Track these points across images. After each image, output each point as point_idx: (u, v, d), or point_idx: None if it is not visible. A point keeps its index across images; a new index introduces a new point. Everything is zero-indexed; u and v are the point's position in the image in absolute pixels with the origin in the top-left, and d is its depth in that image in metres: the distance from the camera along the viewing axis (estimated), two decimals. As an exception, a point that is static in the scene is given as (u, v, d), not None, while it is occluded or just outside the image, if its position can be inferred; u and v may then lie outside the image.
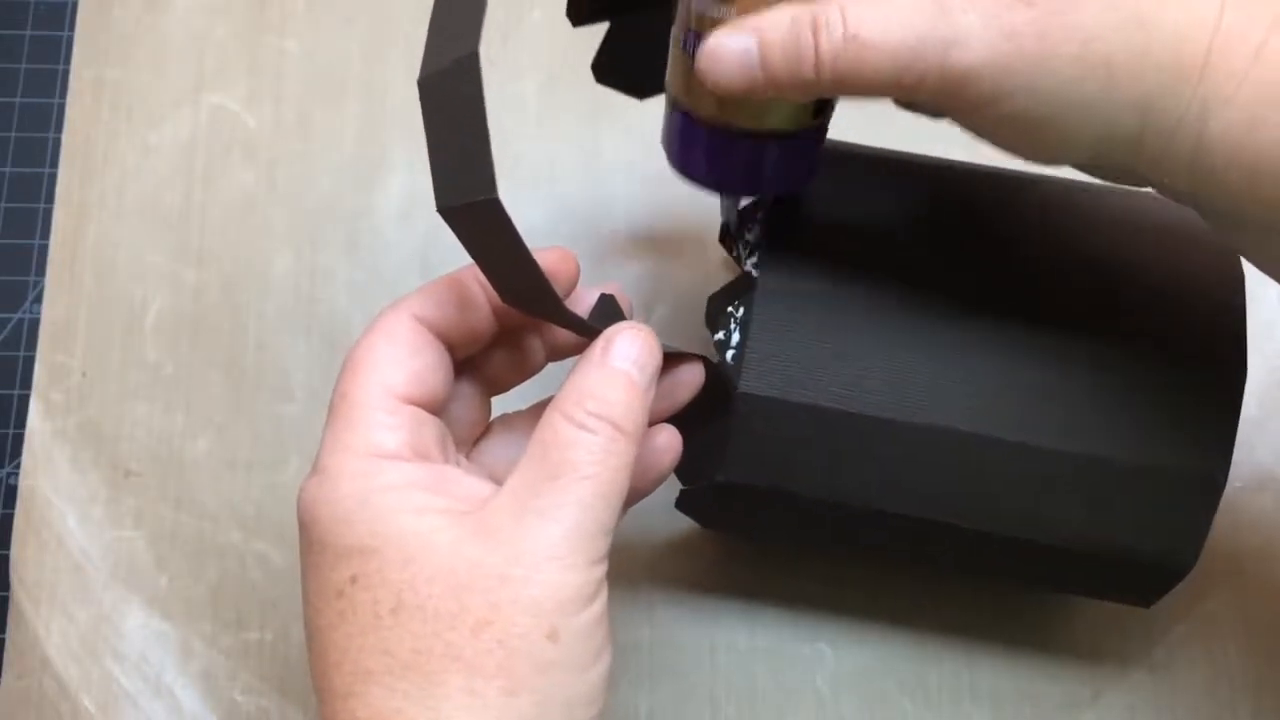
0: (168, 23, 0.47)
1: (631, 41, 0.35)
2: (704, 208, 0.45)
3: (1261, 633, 0.41)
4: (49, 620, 0.41)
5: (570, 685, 0.24)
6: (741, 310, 0.33)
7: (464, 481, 0.26)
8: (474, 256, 0.27)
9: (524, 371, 0.31)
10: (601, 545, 0.25)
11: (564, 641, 0.24)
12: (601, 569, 0.25)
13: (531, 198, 0.45)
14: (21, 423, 0.43)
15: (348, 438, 0.25)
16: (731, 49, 0.26)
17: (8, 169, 0.47)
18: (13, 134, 0.47)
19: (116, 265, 0.44)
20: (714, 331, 0.33)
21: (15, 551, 0.42)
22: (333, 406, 0.26)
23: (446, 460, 0.27)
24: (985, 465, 0.32)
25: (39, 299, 0.45)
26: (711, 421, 0.33)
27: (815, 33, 0.25)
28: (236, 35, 0.47)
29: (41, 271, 0.46)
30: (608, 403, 0.25)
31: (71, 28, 0.48)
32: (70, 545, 0.42)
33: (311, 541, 0.25)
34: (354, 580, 0.24)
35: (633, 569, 0.41)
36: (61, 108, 0.47)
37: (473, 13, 0.25)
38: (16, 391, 0.45)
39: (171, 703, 0.40)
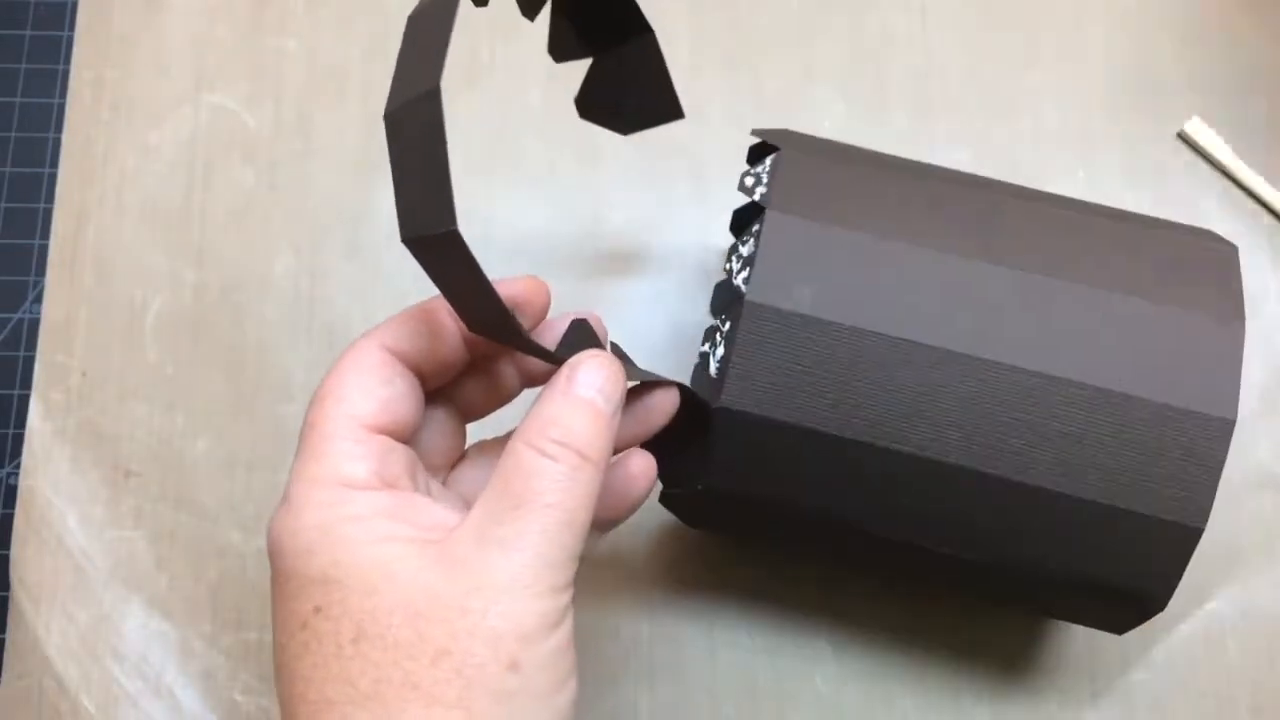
0: (168, 23, 0.47)
1: (613, 77, 0.35)
2: (704, 208, 0.45)
3: (1262, 632, 0.41)
4: (49, 620, 0.41)
5: (533, 714, 0.24)
6: (727, 325, 0.33)
7: (432, 510, 0.26)
8: (439, 287, 0.27)
9: (498, 399, 0.31)
10: (566, 572, 0.25)
11: (525, 672, 0.23)
12: (566, 596, 0.25)
13: (531, 198, 0.45)
14: (21, 423, 0.43)
15: (314, 468, 0.25)
16: None
17: (8, 169, 0.47)
18: (13, 134, 0.47)
19: (116, 265, 0.44)
20: (715, 316, 0.33)
21: (15, 551, 0.42)
22: (302, 436, 0.26)
23: (416, 488, 0.27)
24: (967, 495, 0.32)
25: (39, 299, 0.45)
26: (691, 442, 0.33)
27: None
28: (236, 35, 0.47)
29: (41, 271, 0.45)
30: (571, 431, 0.25)
31: (71, 28, 0.48)
32: (70, 545, 0.42)
33: (277, 572, 0.25)
34: (317, 610, 0.24)
35: (632, 569, 0.41)
36: (61, 108, 0.47)
37: (437, 48, 0.26)
38: (16, 391, 0.45)
39: (171, 703, 0.40)
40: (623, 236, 0.45)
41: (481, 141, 0.46)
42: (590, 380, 0.26)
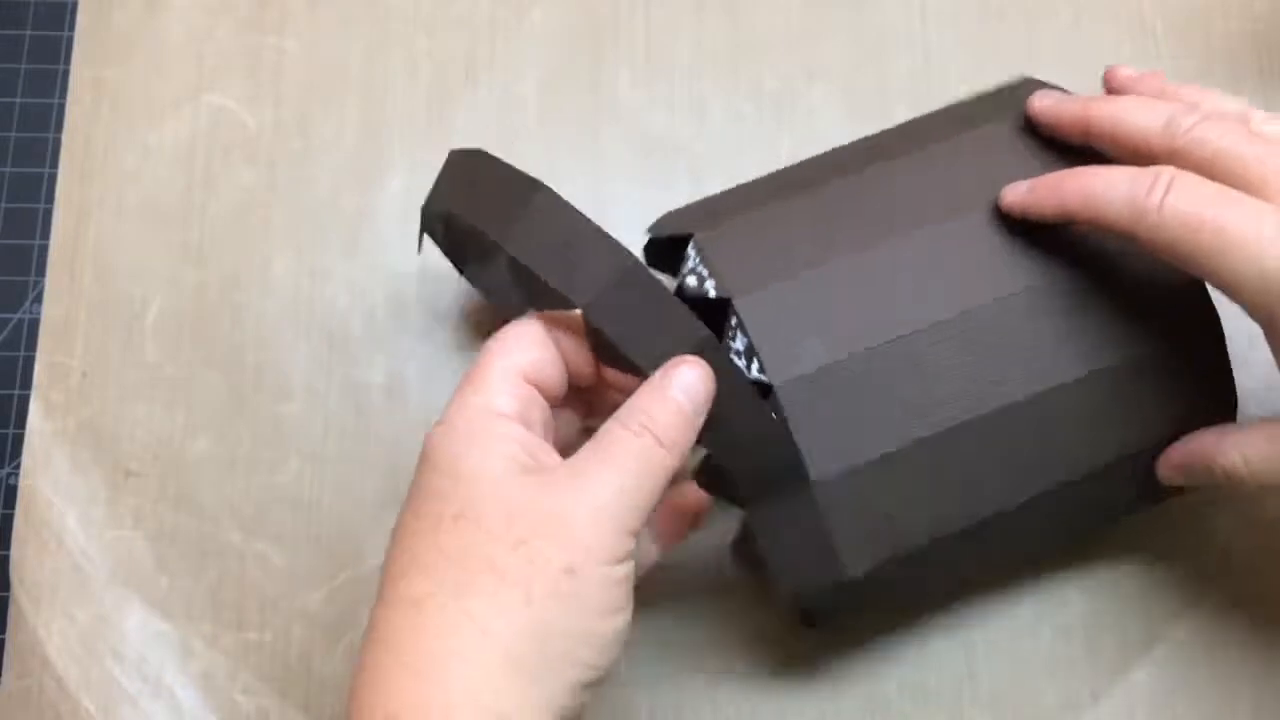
0: (168, 23, 0.47)
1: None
2: (704, 208, 0.45)
3: (1261, 632, 0.41)
4: (49, 620, 0.41)
5: (577, 620, 0.28)
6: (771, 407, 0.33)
7: (546, 451, 0.31)
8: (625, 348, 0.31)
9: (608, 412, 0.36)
10: (629, 521, 0.29)
11: (579, 579, 0.28)
12: (626, 542, 0.29)
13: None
14: (21, 423, 0.43)
15: (472, 397, 0.31)
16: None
17: (8, 169, 0.47)
18: (13, 134, 0.47)
19: (116, 265, 0.44)
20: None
21: (15, 551, 0.42)
22: (467, 374, 0.32)
23: (548, 438, 0.32)
24: (1049, 417, 0.33)
25: (39, 299, 0.45)
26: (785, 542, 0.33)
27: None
28: (236, 35, 0.47)
29: (41, 271, 0.46)
30: (654, 419, 0.30)
31: (71, 28, 0.48)
32: (70, 545, 0.42)
33: (421, 465, 0.31)
34: (435, 492, 0.30)
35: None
36: (61, 108, 0.47)
37: (569, 222, 0.32)
38: (16, 391, 0.45)
39: (171, 703, 0.40)
40: (623, 236, 0.45)
41: (481, 141, 0.46)
42: (679, 381, 0.31)
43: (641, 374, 0.31)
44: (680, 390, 0.31)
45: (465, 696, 0.27)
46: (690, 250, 0.34)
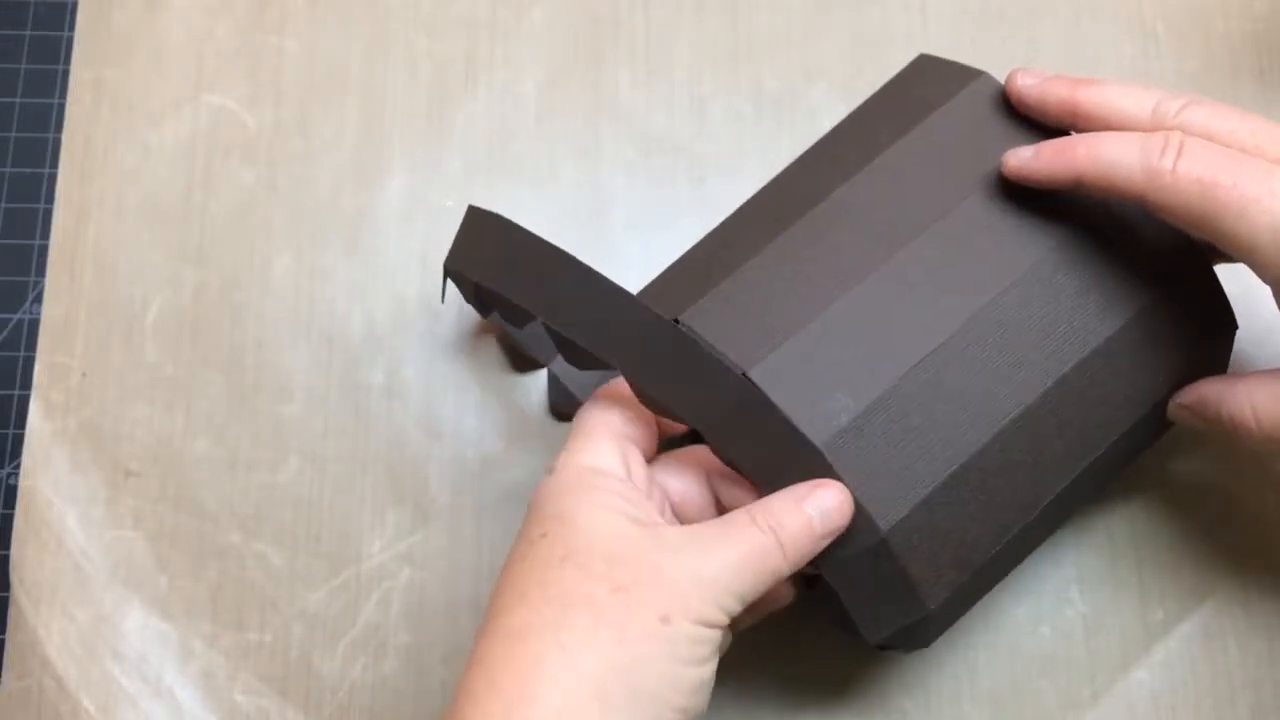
0: (168, 23, 0.47)
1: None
2: (704, 208, 0.45)
3: (1262, 632, 0.41)
4: (49, 620, 0.41)
5: (666, 665, 0.29)
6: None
7: (644, 502, 0.33)
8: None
9: None
10: (728, 601, 0.31)
11: (672, 628, 0.29)
12: (721, 616, 0.31)
13: (531, 198, 0.45)
14: (21, 423, 0.43)
15: (578, 455, 0.33)
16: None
17: (8, 169, 0.47)
18: (13, 134, 0.47)
19: (116, 265, 0.44)
20: None
21: (15, 551, 0.42)
22: (571, 434, 0.34)
23: (649, 496, 0.34)
24: (1082, 388, 0.34)
25: (39, 299, 0.45)
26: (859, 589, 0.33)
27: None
28: (236, 35, 0.47)
29: (41, 271, 0.46)
30: (782, 525, 0.31)
31: (71, 28, 0.48)
32: (70, 545, 0.42)
33: (530, 515, 0.33)
34: (544, 535, 0.31)
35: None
36: (61, 108, 0.47)
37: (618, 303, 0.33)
38: (16, 391, 0.45)
39: (171, 703, 0.40)
40: (623, 236, 0.45)
41: (481, 141, 0.46)
42: (818, 502, 0.31)
43: (675, 415, 0.33)
44: (816, 509, 0.31)
45: None
46: (683, 330, 0.33)
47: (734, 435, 0.32)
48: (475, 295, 0.37)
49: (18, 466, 0.43)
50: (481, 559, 0.42)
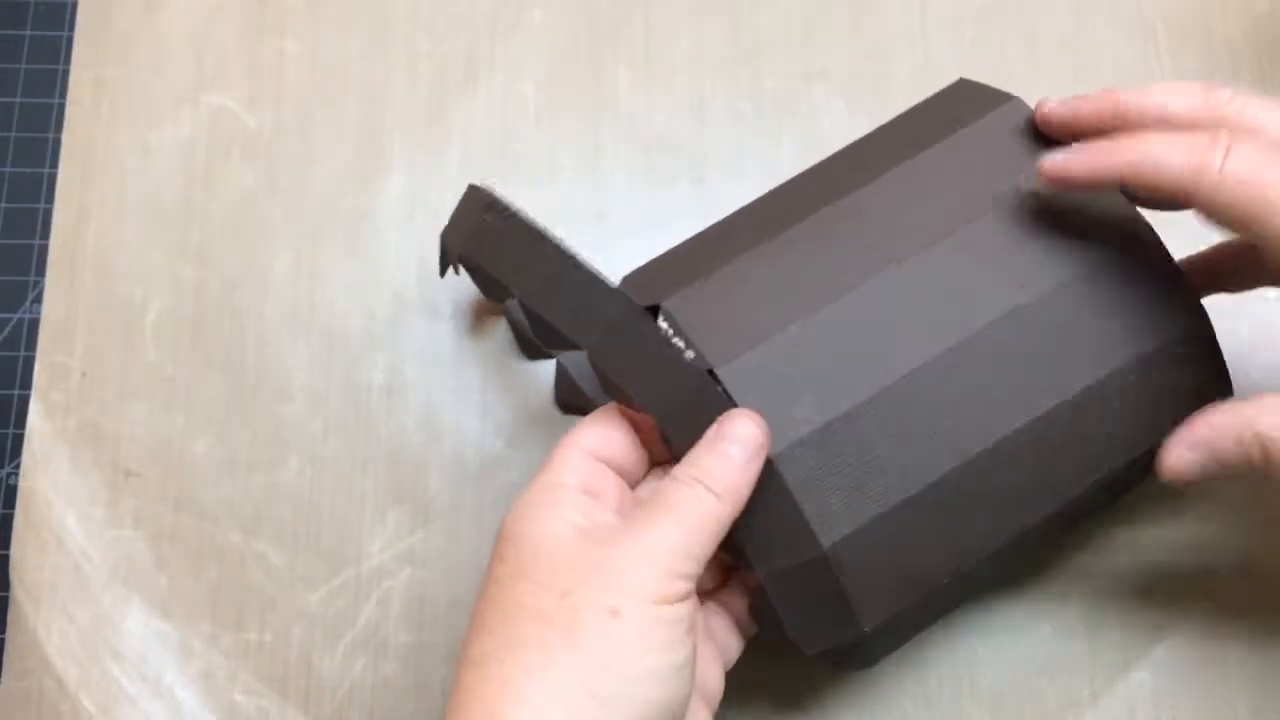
0: (168, 23, 0.47)
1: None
2: (704, 208, 0.45)
3: (1263, 632, 0.41)
4: (49, 620, 0.41)
5: (626, 659, 0.29)
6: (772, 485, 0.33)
7: (597, 508, 0.32)
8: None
9: None
10: (676, 564, 0.30)
11: (624, 621, 0.29)
12: (679, 585, 0.30)
13: (531, 198, 0.45)
14: (21, 423, 0.43)
15: (545, 473, 0.33)
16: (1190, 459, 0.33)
17: (8, 169, 0.47)
18: (13, 134, 0.47)
19: (116, 265, 0.44)
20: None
21: (15, 551, 0.42)
22: (549, 455, 0.34)
23: (618, 508, 0.33)
24: (1056, 427, 0.32)
25: (39, 299, 0.45)
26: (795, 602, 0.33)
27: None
28: (236, 35, 0.47)
29: (41, 271, 0.46)
30: (704, 469, 0.31)
31: (71, 28, 0.48)
32: (70, 545, 0.42)
33: (497, 537, 0.33)
34: (501, 559, 0.31)
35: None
36: (61, 108, 0.47)
37: (563, 265, 0.33)
38: (16, 391, 0.45)
39: (171, 703, 0.40)
40: (623, 236, 0.45)
41: (482, 141, 0.46)
42: (729, 432, 0.31)
43: (648, 414, 0.33)
44: (731, 440, 0.31)
45: None
46: (661, 320, 0.33)
47: (690, 430, 0.32)
48: (467, 269, 0.38)
49: (18, 466, 0.43)
50: (481, 559, 0.42)
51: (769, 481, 0.31)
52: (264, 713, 0.40)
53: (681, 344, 0.32)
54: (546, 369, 0.44)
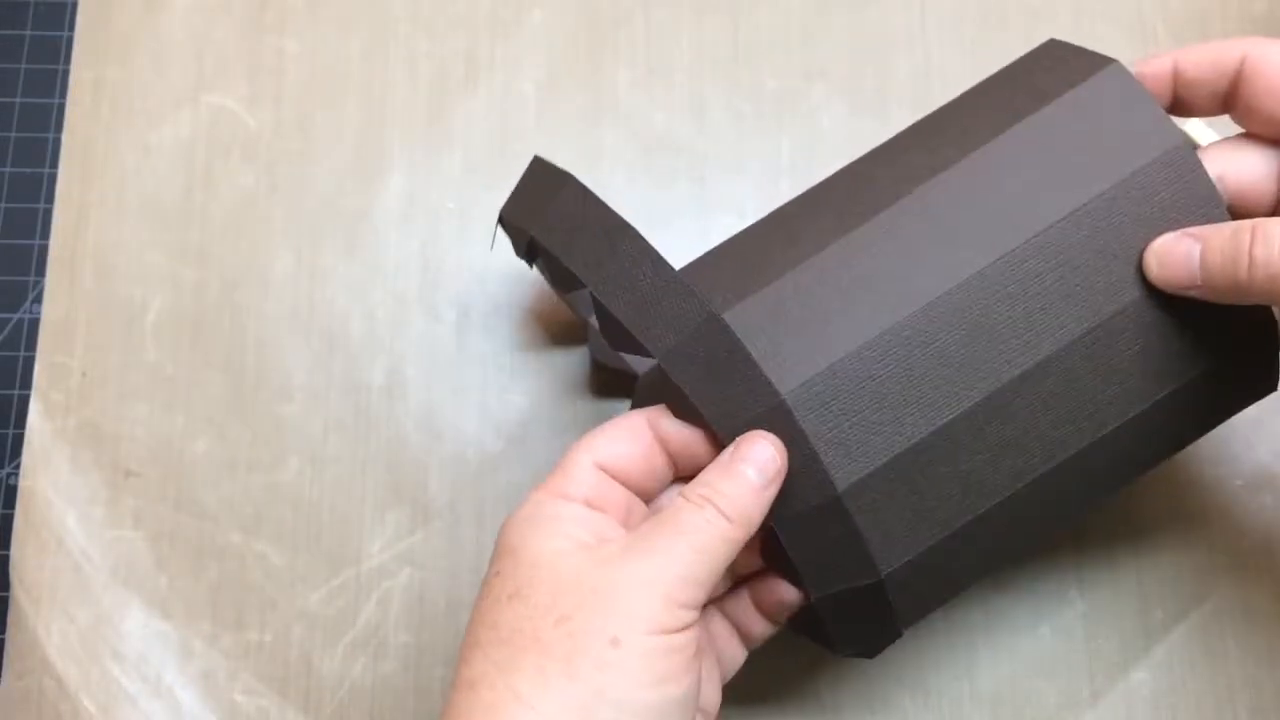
0: (168, 23, 0.47)
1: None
2: (704, 208, 0.45)
3: (1262, 632, 0.41)
4: (49, 620, 0.41)
5: (625, 691, 0.28)
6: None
7: (604, 523, 0.31)
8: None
9: None
10: (685, 594, 0.29)
11: (624, 651, 0.28)
12: (682, 614, 0.29)
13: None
14: (21, 423, 0.43)
15: (550, 483, 0.32)
16: (1178, 251, 0.31)
17: (8, 169, 0.47)
18: (13, 134, 0.47)
19: (116, 265, 0.44)
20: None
21: (15, 551, 0.42)
22: (556, 464, 0.33)
23: (624, 523, 0.32)
24: (1066, 376, 0.32)
25: (39, 299, 0.45)
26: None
27: (1252, 242, 0.29)
28: (236, 35, 0.47)
29: (41, 271, 0.46)
30: (718, 491, 0.30)
31: (71, 28, 0.48)
32: (70, 545, 0.42)
33: (494, 547, 0.32)
34: (498, 574, 0.30)
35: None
36: (61, 108, 0.47)
37: (648, 262, 0.32)
38: (16, 391, 0.45)
39: (171, 703, 0.40)
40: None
41: (482, 141, 0.46)
42: (749, 454, 0.30)
43: (711, 430, 0.31)
44: (748, 463, 0.30)
45: None
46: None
47: None
48: (527, 249, 0.35)
49: (18, 466, 0.43)
50: (481, 559, 0.42)
51: (831, 509, 0.31)
52: (264, 713, 0.40)
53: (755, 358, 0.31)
54: (546, 370, 0.44)
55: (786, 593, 0.33)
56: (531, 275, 0.44)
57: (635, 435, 0.33)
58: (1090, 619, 0.41)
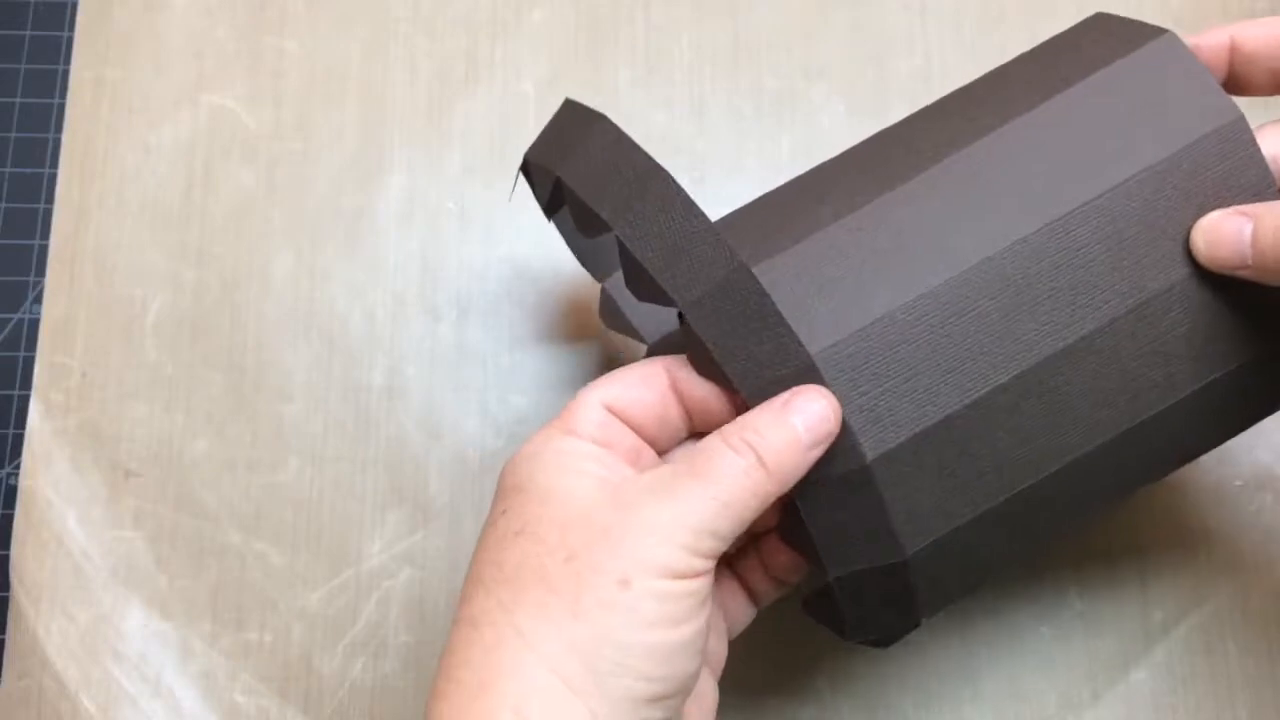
0: (168, 23, 0.47)
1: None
2: (704, 207, 0.45)
3: (1262, 632, 0.41)
4: (49, 620, 0.41)
5: (630, 632, 0.27)
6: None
7: (626, 469, 0.30)
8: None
9: None
10: (704, 543, 0.27)
11: (633, 592, 0.27)
12: (697, 563, 0.27)
13: (531, 197, 0.45)
14: (21, 423, 0.43)
15: (556, 422, 0.30)
16: (1228, 229, 0.29)
17: (8, 169, 0.47)
18: (13, 134, 0.47)
19: (116, 265, 0.44)
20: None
21: (15, 551, 0.42)
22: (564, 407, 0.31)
23: (636, 467, 0.30)
24: (1108, 355, 0.30)
25: (39, 299, 0.45)
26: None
27: None
28: (236, 35, 0.47)
29: (41, 271, 0.46)
30: (762, 439, 0.28)
31: (71, 28, 0.48)
32: (70, 545, 0.42)
33: (498, 485, 0.30)
34: (504, 511, 0.29)
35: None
36: (61, 108, 0.47)
37: (679, 205, 0.30)
38: (16, 391, 0.45)
39: (171, 703, 0.40)
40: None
41: (481, 141, 0.46)
42: (801, 406, 0.28)
43: (732, 388, 0.29)
44: (801, 417, 0.28)
45: (512, 714, 0.26)
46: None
47: None
48: (551, 193, 0.33)
49: (18, 466, 0.43)
50: (481, 559, 0.42)
51: (855, 481, 0.29)
52: (264, 713, 0.40)
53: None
54: (546, 370, 0.44)
55: (795, 558, 0.32)
56: (532, 273, 0.44)
57: (648, 381, 0.31)
58: (1090, 619, 0.41)
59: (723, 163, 0.45)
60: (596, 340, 0.44)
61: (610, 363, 0.43)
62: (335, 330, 0.44)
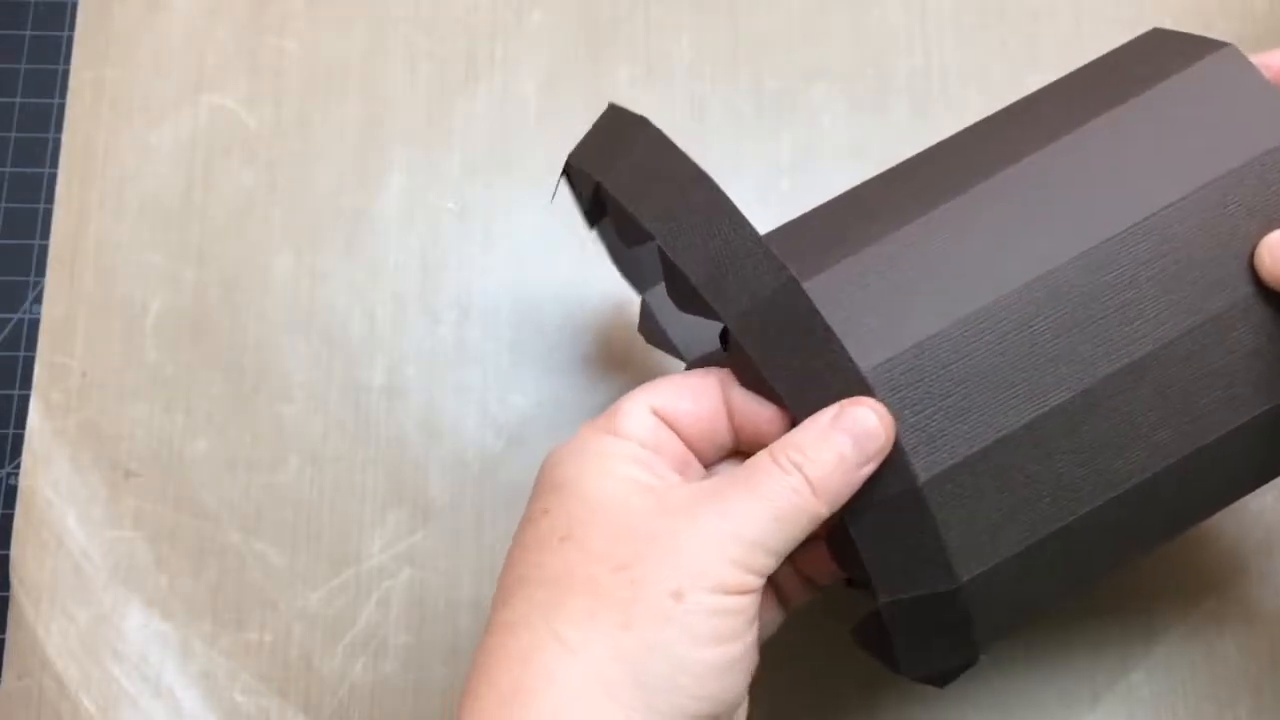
0: (168, 23, 0.47)
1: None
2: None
3: (1262, 632, 0.41)
4: (49, 620, 0.41)
5: (681, 647, 0.26)
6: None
7: (671, 475, 0.29)
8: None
9: None
10: (756, 559, 0.27)
11: (685, 605, 0.26)
12: (750, 579, 0.27)
13: (531, 197, 0.45)
14: (21, 423, 0.43)
15: (601, 421, 0.29)
16: None
17: (8, 169, 0.47)
18: (13, 134, 0.47)
19: (116, 265, 0.44)
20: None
21: (15, 551, 0.42)
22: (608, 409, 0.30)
23: (675, 468, 0.29)
24: (1169, 375, 0.29)
25: (39, 299, 0.45)
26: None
27: None
28: (236, 35, 0.47)
29: (41, 271, 0.46)
30: (809, 458, 0.27)
31: (71, 28, 0.48)
32: (70, 545, 0.42)
33: (535, 486, 0.30)
34: (546, 511, 0.28)
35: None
36: (61, 108, 0.47)
37: (727, 217, 0.29)
38: (16, 391, 0.45)
39: (171, 703, 0.40)
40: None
41: (482, 141, 0.46)
42: (848, 423, 0.27)
43: (781, 404, 0.29)
44: (849, 433, 0.27)
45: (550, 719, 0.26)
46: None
47: None
48: (592, 200, 0.32)
49: (18, 466, 0.43)
50: (481, 559, 0.42)
51: (909, 501, 0.28)
52: (264, 713, 0.40)
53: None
54: (546, 370, 0.44)
55: (827, 561, 0.31)
56: (532, 273, 0.44)
57: (701, 394, 0.30)
58: (1090, 619, 0.41)
59: (723, 163, 0.45)
60: (597, 340, 0.44)
61: (610, 363, 0.43)
62: (335, 330, 0.44)
